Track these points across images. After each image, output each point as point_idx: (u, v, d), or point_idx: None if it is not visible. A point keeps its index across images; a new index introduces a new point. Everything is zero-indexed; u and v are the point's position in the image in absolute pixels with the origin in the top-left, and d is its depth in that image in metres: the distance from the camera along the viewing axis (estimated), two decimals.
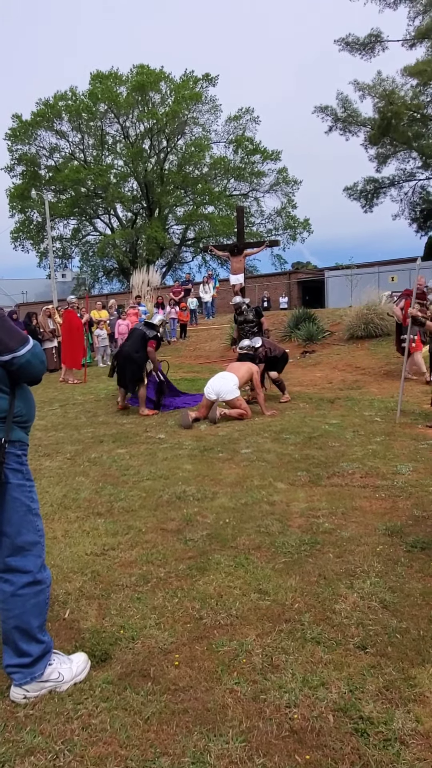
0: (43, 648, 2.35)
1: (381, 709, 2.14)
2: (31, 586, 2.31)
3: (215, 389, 7.88)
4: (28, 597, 2.30)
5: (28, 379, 2.33)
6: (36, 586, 2.32)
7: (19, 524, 2.29)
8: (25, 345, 2.26)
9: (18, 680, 2.29)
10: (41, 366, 2.33)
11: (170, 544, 3.74)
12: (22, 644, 2.31)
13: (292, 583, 3.12)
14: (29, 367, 2.27)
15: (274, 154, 39.07)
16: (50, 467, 5.77)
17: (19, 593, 2.29)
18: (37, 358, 2.30)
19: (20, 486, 2.31)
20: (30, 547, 2.32)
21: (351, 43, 28.91)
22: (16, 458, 2.31)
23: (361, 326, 14.16)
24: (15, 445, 2.31)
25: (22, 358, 2.24)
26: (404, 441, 6.19)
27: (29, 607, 2.30)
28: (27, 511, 2.32)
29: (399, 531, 3.78)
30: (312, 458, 5.65)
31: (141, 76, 36.23)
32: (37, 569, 2.34)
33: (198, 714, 2.15)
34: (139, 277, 22.32)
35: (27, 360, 2.25)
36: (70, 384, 12.76)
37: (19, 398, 2.33)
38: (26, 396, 2.39)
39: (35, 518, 2.36)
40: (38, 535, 2.37)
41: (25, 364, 2.25)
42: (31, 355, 2.27)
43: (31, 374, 2.31)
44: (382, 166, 33.14)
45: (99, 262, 42.37)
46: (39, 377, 2.37)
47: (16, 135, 37.56)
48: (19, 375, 2.27)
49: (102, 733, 2.07)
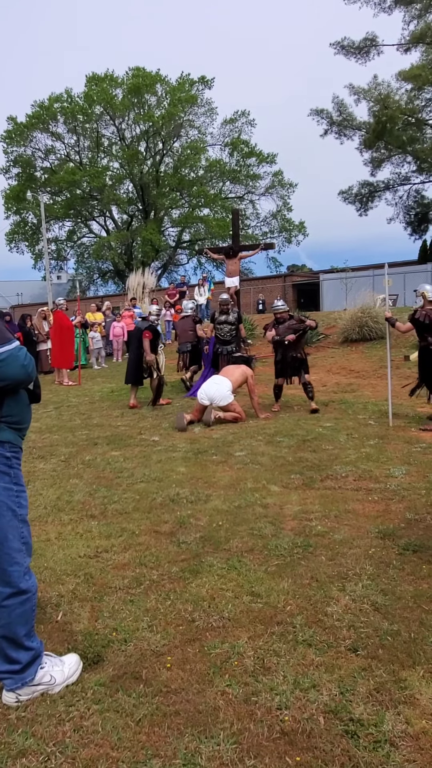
0: (33, 654, 2.33)
1: (371, 711, 2.16)
2: (14, 596, 2.27)
3: (209, 394, 7.86)
4: (13, 607, 2.27)
5: (5, 382, 2.20)
6: (20, 596, 2.28)
7: (4, 529, 2.25)
8: (4, 345, 2.17)
9: (9, 685, 2.29)
10: (20, 370, 2.21)
11: (163, 547, 3.75)
12: (11, 652, 2.29)
13: (285, 586, 3.14)
14: (4, 368, 2.16)
15: (269, 157, 39.12)
16: (44, 469, 5.76)
17: (4, 604, 2.26)
18: (17, 361, 2.20)
19: (6, 489, 2.25)
20: (14, 555, 2.27)
21: (346, 46, 29.03)
22: (4, 460, 2.25)
23: (355, 329, 14.21)
24: (4, 446, 2.25)
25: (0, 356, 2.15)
26: (397, 444, 6.21)
27: (15, 617, 2.27)
28: (12, 516, 2.27)
29: (391, 534, 3.80)
30: (305, 461, 5.66)
31: (137, 79, 36.21)
32: (20, 578, 2.29)
33: (190, 716, 2.16)
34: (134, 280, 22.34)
35: (2, 360, 2.15)
36: (65, 386, 12.75)
37: (11, 399, 2.27)
38: (19, 398, 2.31)
39: (21, 524, 2.31)
40: (22, 542, 2.32)
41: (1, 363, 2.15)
42: (9, 356, 2.17)
43: (6, 376, 2.18)
44: (377, 170, 33.24)
45: (94, 264, 42.32)
46: (17, 382, 2.24)
47: (12, 137, 37.48)
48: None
49: (94, 735, 2.07)
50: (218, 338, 10.21)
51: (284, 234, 40.02)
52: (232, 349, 10.07)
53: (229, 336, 10.12)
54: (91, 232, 41.88)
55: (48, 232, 35.74)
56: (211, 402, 7.85)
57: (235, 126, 39.28)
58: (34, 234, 39.32)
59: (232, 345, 10.13)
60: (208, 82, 37.74)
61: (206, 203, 38.47)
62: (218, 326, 10.22)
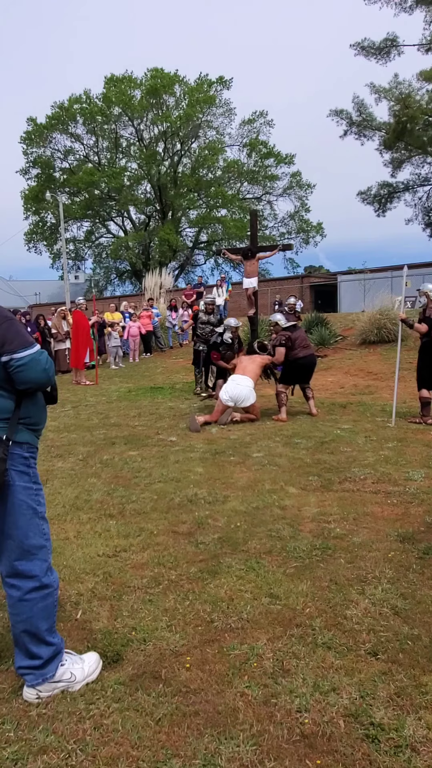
0: (54, 650, 2.36)
1: (392, 715, 2.14)
2: (37, 590, 2.31)
3: (232, 395, 7.83)
4: (36, 601, 2.30)
5: (26, 385, 2.25)
6: (43, 590, 2.32)
7: (25, 527, 2.29)
8: (27, 349, 2.22)
9: (30, 681, 2.31)
10: (42, 374, 2.26)
11: (181, 547, 3.76)
12: (32, 647, 2.32)
13: (304, 588, 3.13)
14: (26, 372, 2.21)
15: (287, 158, 39.04)
16: (62, 468, 5.80)
17: (27, 598, 2.29)
18: (39, 365, 2.24)
19: (26, 489, 2.30)
20: (36, 551, 2.32)
21: (367, 47, 28.85)
22: (23, 460, 2.30)
23: (373, 331, 14.12)
24: (22, 447, 2.30)
25: (20, 361, 2.19)
26: (416, 447, 6.17)
27: (37, 611, 2.30)
28: (33, 515, 2.32)
29: (411, 537, 3.77)
30: (323, 463, 5.64)
31: (155, 80, 36.33)
32: (43, 573, 2.33)
33: (209, 716, 2.16)
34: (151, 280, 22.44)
35: (24, 364, 2.19)
36: (83, 386, 12.83)
37: (29, 400, 2.32)
38: (36, 399, 2.36)
39: (41, 521, 2.36)
40: (44, 538, 2.37)
41: (21, 367, 2.19)
42: (31, 360, 2.22)
43: (28, 380, 2.23)
44: (397, 170, 33.04)
45: (112, 264, 42.56)
46: (38, 385, 2.29)
47: (31, 138, 37.81)
48: (16, 379, 2.22)
49: (114, 733, 2.08)
50: (198, 336, 10.59)
51: (302, 235, 39.94)
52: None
53: (209, 336, 10.24)
54: (108, 232, 42.14)
55: (66, 232, 36.01)
56: (235, 403, 7.86)
57: (254, 126, 39.29)
58: (53, 234, 39.64)
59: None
60: (227, 83, 37.76)
61: (224, 204, 38.50)
62: (201, 325, 10.50)
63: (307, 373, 8.42)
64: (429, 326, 7.51)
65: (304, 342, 8.42)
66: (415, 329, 7.63)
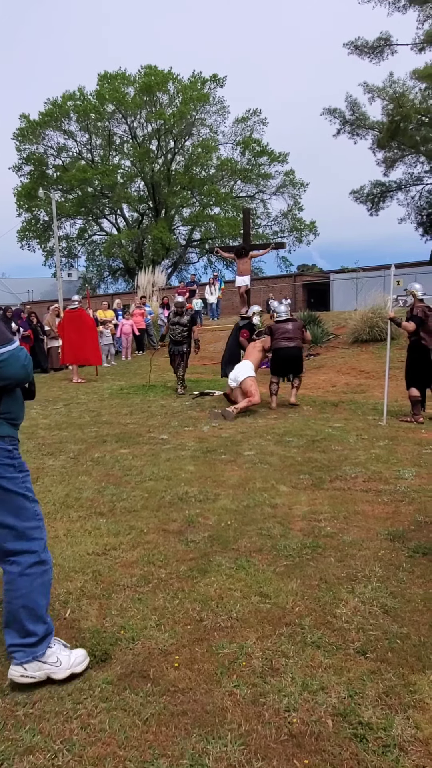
0: (47, 628, 2.42)
1: (380, 714, 2.14)
2: (37, 565, 2.39)
3: (234, 377, 8.68)
4: (36, 576, 2.38)
5: (5, 381, 2.27)
6: (42, 566, 2.41)
7: (19, 514, 2.37)
8: (6, 346, 2.23)
9: (19, 659, 2.35)
10: (21, 370, 2.28)
11: (172, 545, 3.74)
12: (29, 624, 2.37)
13: (293, 587, 3.12)
14: (5, 368, 2.22)
15: (281, 157, 39.06)
16: (53, 466, 5.78)
17: (27, 573, 2.37)
18: (18, 361, 2.26)
19: (14, 479, 2.37)
20: (32, 531, 2.40)
21: (360, 46, 28.82)
22: (7, 453, 2.35)
23: (366, 330, 14.15)
24: (5, 440, 2.35)
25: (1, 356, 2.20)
26: (407, 446, 6.18)
27: (36, 585, 2.38)
28: (24, 500, 2.39)
29: (401, 536, 3.77)
30: (315, 461, 5.64)
31: (149, 77, 36.25)
32: (42, 549, 2.43)
33: (197, 716, 2.15)
34: (144, 278, 22.41)
35: (3, 360, 2.21)
36: (74, 383, 12.79)
37: (8, 396, 2.36)
38: (15, 395, 2.41)
39: (32, 504, 2.43)
40: (38, 518, 2.45)
41: (2, 363, 2.20)
42: (10, 356, 2.23)
43: (7, 376, 2.25)
44: (390, 170, 33.05)
45: (105, 261, 42.43)
46: (17, 381, 2.31)
47: (24, 135, 37.64)
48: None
49: (101, 733, 2.07)
50: (171, 339, 10.88)
51: (295, 233, 39.98)
52: (184, 349, 10.75)
53: (180, 337, 10.70)
54: (101, 229, 42.02)
55: (59, 229, 35.87)
56: (236, 382, 8.63)
57: (247, 125, 39.27)
58: (45, 231, 39.49)
59: (184, 345, 10.76)
60: (220, 81, 37.73)
61: (217, 202, 38.47)
62: (171, 326, 10.77)
63: (288, 365, 8.98)
64: (416, 324, 7.58)
65: (286, 335, 8.86)
66: (402, 327, 7.79)
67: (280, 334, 8.87)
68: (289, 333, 8.87)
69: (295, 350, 8.93)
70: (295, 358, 8.93)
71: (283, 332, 8.88)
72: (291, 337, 8.86)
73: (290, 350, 8.85)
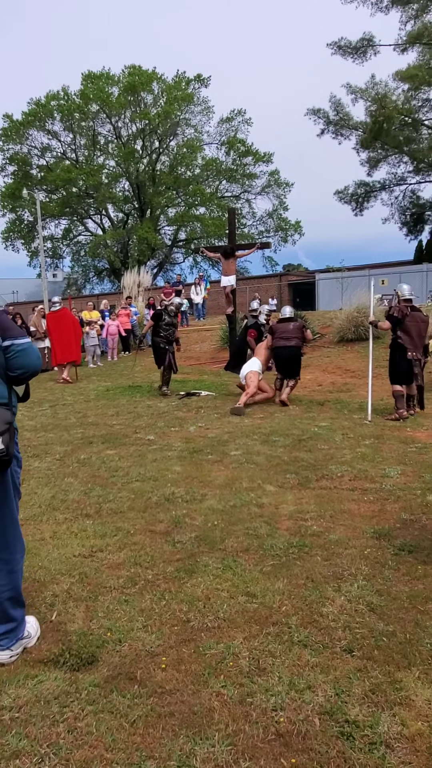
0: (24, 610, 2.61)
1: (367, 712, 2.15)
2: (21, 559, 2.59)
3: (242, 374, 9.34)
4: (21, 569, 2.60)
5: (20, 371, 2.43)
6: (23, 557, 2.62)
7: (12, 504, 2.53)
8: (25, 337, 2.45)
9: (6, 645, 2.50)
10: (36, 361, 2.47)
11: (158, 546, 3.74)
12: (12, 611, 2.53)
13: (280, 586, 3.13)
14: (23, 357, 2.41)
15: (266, 156, 39.05)
16: (39, 468, 5.74)
17: (16, 570, 2.54)
18: (34, 352, 2.47)
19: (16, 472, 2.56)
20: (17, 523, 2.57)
21: (343, 46, 28.94)
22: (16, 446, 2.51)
23: (351, 329, 14.21)
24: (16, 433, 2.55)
25: (20, 346, 2.40)
26: (393, 444, 6.22)
27: (20, 576, 2.58)
28: (15, 492, 2.57)
29: (387, 534, 3.80)
30: (301, 461, 5.66)
31: (133, 77, 36.09)
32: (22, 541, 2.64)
33: (184, 717, 2.15)
34: (130, 278, 22.31)
35: (24, 350, 2.40)
36: (60, 384, 12.71)
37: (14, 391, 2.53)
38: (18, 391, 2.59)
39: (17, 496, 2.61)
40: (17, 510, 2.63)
41: (20, 353, 2.39)
42: (29, 347, 2.44)
43: (24, 365, 2.42)
44: (374, 170, 33.24)
45: (90, 262, 42.17)
46: (31, 371, 2.48)
47: (8, 135, 37.31)
48: (16, 363, 2.40)
49: (88, 736, 2.06)
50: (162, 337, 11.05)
51: (280, 233, 40.00)
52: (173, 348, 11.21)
53: (172, 336, 11.19)
54: (86, 230, 41.76)
55: (44, 230, 35.61)
56: (244, 379, 9.25)
57: (232, 125, 39.22)
58: (30, 232, 39.20)
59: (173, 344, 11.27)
60: (204, 81, 37.66)
61: (202, 202, 38.40)
62: (164, 326, 11.00)
63: (285, 364, 9.22)
64: (392, 324, 7.84)
65: (285, 334, 9.13)
66: (378, 327, 8.17)
67: (280, 333, 9.15)
68: (288, 333, 9.12)
69: (292, 349, 9.13)
70: (291, 358, 9.15)
71: (282, 332, 9.15)
72: (290, 336, 9.10)
73: (287, 350, 9.09)
